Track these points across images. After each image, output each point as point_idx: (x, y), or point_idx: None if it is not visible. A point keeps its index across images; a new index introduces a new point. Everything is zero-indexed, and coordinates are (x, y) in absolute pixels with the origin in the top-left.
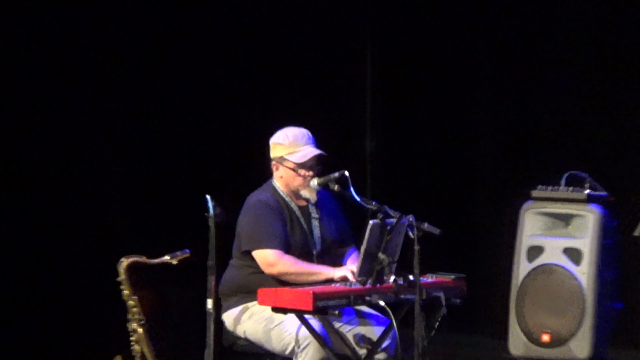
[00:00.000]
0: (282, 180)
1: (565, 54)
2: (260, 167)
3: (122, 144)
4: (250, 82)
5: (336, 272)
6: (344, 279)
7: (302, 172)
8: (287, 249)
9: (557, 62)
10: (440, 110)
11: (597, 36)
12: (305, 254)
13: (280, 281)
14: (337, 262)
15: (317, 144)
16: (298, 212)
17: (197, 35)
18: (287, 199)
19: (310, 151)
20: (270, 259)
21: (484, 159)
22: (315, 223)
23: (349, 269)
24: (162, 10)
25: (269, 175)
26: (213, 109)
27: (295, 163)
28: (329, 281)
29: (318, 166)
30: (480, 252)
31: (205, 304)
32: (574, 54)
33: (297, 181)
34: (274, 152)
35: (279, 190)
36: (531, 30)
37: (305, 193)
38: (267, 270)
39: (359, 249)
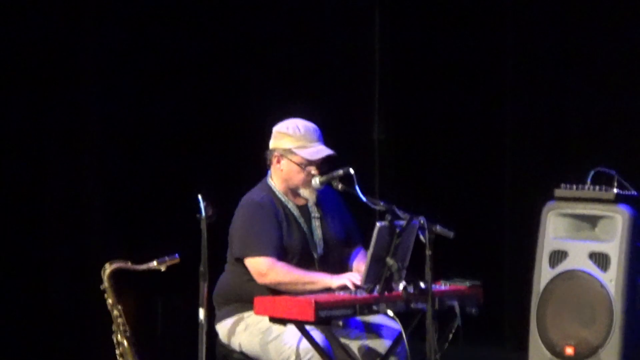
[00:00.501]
0: (280, 174)
1: (593, 43)
2: (259, 164)
3: (105, 140)
4: (249, 70)
5: (334, 281)
6: (344, 288)
7: (309, 169)
8: (283, 254)
9: (584, 52)
10: (456, 99)
11: (625, 27)
12: (305, 258)
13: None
14: (343, 263)
15: (325, 141)
16: (296, 212)
17: (189, 20)
18: (284, 198)
19: (322, 149)
20: (261, 267)
21: (503, 154)
22: (317, 223)
23: (350, 277)
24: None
25: (264, 172)
26: (207, 99)
27: (305, 159)
28: (327, 290)
29: (324, 166)
30: (499, 256)
31: (196, 313)
32: (602, 45)
33: (298, 178)
34: (278, 143)
35: (275, 189)
36: (558, 18)
37: (304, 192)
38: (260, 280)
39: (367, 248)
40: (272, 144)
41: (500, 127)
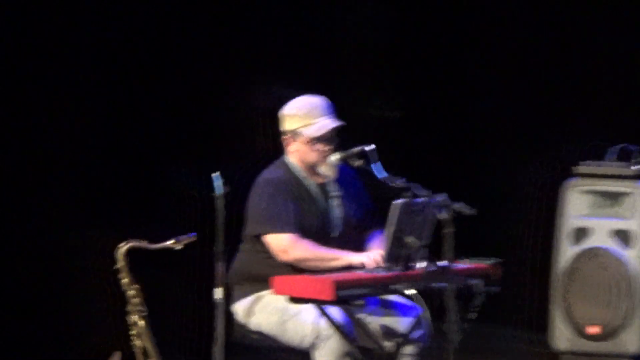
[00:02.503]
0: (296, 155)
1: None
2: (275, 140)
3: (114, 112)
4: (260, 43)
5: (356, 258)
6: (364, 266)
7: (319, 146)
8: (302, 232)
9: (605, 27)
10: (474, 73)
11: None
12: (322, 238)
13: (295, 267)
14: (360, 246)
15: (336, 113)
16: (315, 190)
17: None
18: (302, 175)
19: (327, 123)
20: (283, 244)
21: (523, 130)
22: (335, 202)
23: (371, 255)
24: None
25: (280, 151)
26: (219, 72)
27: (311, 137)
28: (349, 268)
29: (337, 138)
30: (520, 234)
31: (213, 294)
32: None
33: (313, 157)
34: (285, 125)
35: (292, 167)
36: None
37: (323, 169)
38: (281, 257)
39: (385, 233)
40: (281, 127)
41: (520, 102)
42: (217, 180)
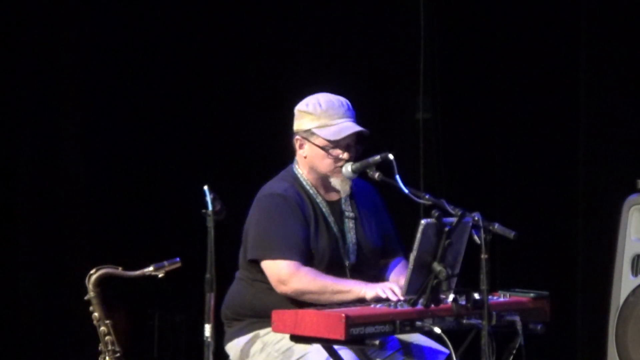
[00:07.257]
0: (305, 162)
1: None
2: (281, 148)
3: (89, 118)
4: (273, 39)
5: (369, 290)
6: (381, 300)
7: (336, 152)
8: (308, 259)
9: None
10: (519, 71)
11: None
12: (335, 266)
13: (300, 302)
14: (379, 275)
15: (358, 119)
16: (326, 209)
17: None
18: (312, 191)
19: (349, 126)
20: (282, 273)
21: (574, 138)
22: (350, 225)
23: (388, 286)
24: None
25: (290, 158)
26: (215, 69)
27: (327, 140)
28: (361, 301)
29: (357, 147)
30: (570, 262)
31: (202, 331)
32: None
33: (324, 164)
34: (299, 124)
35: (302, 179)
36: None
37: (335, 182)
38: (279, 288)
39: (408, 254)
40: (294, 125)
41: (572, 107)
42: (207, 194)
